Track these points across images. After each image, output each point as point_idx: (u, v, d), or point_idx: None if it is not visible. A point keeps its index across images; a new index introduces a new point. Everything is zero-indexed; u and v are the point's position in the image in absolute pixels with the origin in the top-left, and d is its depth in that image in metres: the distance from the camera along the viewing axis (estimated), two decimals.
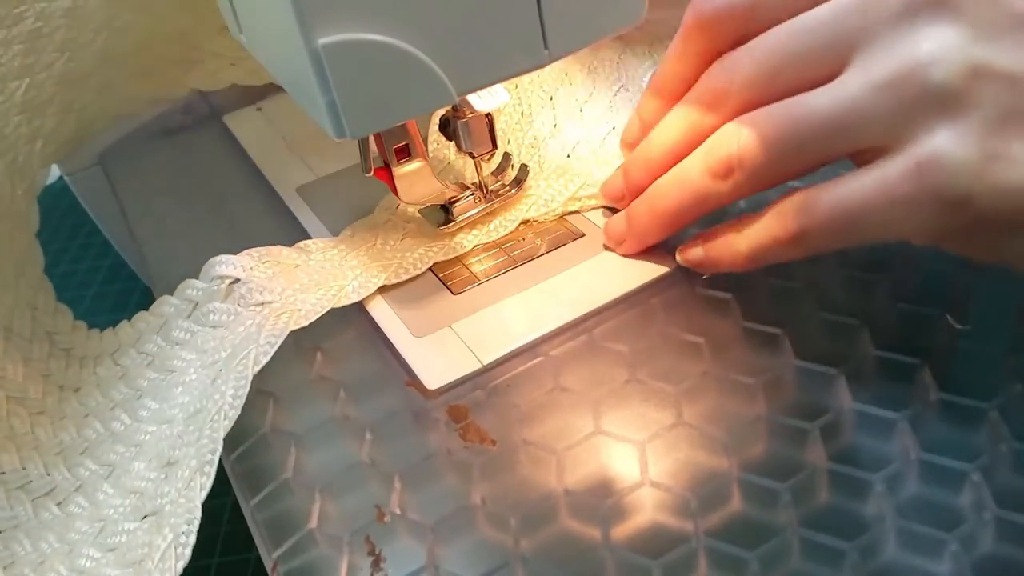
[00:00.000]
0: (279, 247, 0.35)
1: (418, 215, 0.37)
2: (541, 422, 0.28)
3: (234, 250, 0.34)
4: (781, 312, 0.30)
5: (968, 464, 0.24)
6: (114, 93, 0.44)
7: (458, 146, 0.35)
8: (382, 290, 0.34)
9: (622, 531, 0.25)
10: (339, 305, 0.32)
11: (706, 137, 0.29)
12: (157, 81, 0.46)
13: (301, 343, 0.32)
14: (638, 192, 0.33)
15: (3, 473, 0.33)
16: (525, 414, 0.28)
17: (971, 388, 0.26)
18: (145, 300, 0.59)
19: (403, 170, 0.34)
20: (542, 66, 0.29)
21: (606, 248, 0.34)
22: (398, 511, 0.26)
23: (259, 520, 0.27)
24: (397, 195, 0.34)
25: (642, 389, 0.28)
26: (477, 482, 0.26)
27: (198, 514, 0.26)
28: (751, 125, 0.27)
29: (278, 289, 0.32)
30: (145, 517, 0.28)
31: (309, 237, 0.37)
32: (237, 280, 0.33)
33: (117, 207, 0.45)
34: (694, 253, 0.31)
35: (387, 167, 0.34)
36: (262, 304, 0.32)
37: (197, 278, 0.33)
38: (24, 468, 0.33)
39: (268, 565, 0.26)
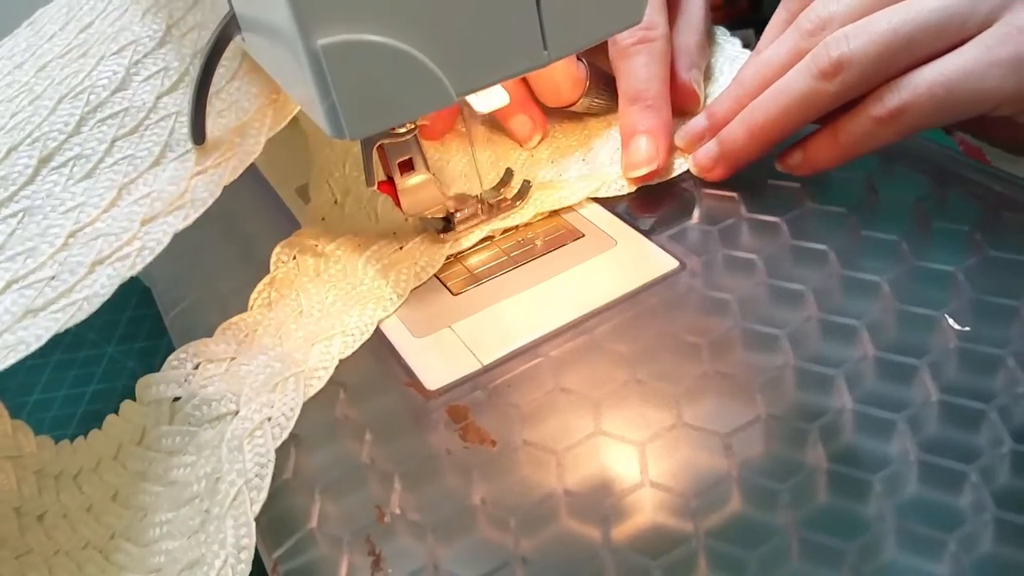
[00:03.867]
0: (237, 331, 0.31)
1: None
2: (541, 422, 0.28)
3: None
4: (781, 312, 0.30)
5: (968, 465, 0.24)
6: None
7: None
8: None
9: (622, 531, 0.25)
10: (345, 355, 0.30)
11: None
12: None
13: None
14: (725, 124, 0.34)
15: None
16: (525, 414, 0.28)
17: (971, 388, 0.26)
18: (145, 300, 0.59)
19: (407, 183, 0.34)
20: (542, 66, 0.29)
21: (697, 174, 0.36)
22: (398, 511, 0.26)
23: (259, 520, 0.27)
24: (401, 208, 0.34)
25: (642, 389, 0.28)
26: (477, 482, 0.26)
27: None
28: (860, 27, 0.30)
29: (245, 390, 0.28)
30: None
31: None
32: (178, 398, 0.29)
33: None
34: (794, 157, 0.33)
35: (391, 180, 0.34)
36: (220, 417, 0.28)
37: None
38: None
39: (268, 565, 0.26)
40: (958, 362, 0.27)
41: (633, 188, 0.37)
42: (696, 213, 0.35)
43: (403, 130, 0.33)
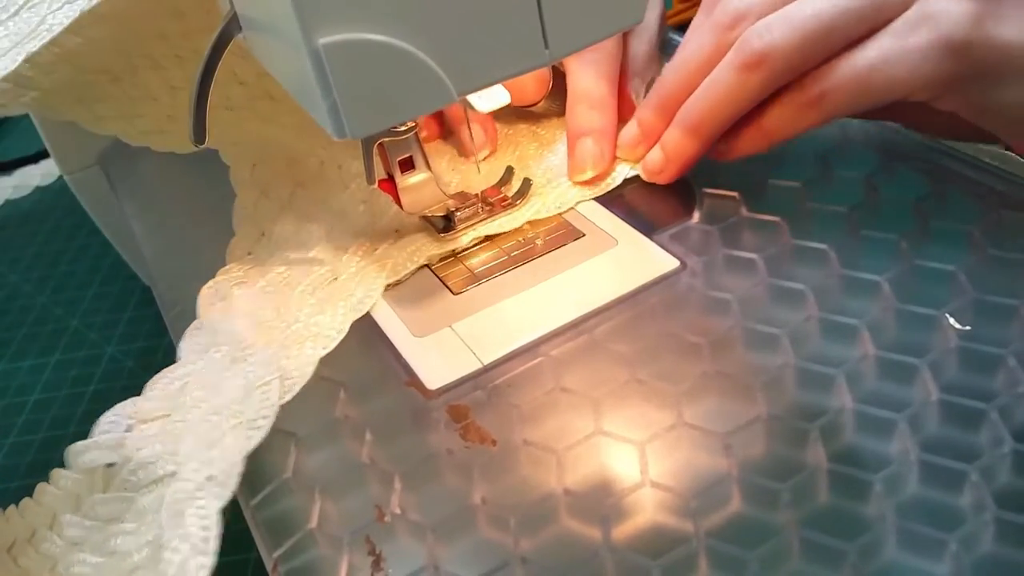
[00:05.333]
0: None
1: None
2: (541, 422, 0.28)
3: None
4: (781, 312, 0.30)
5: (968, 464, 0.24)
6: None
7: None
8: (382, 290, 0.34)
9: (622, 531, 0.25)
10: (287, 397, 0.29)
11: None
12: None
13: None
14: (658, 129, 0.35)
15: None
16: (525, 414, 0.28)
17: (971, 388, 0.26)
18: (145, 300, 0.59)
19: (407, 182, 0.34)
20: (542, 66, 0.29)
21: (645, 181, 0.36)
22: (398, 511, 0.26)
23: (259, 520, 0.27)
24: (401, 206, 0.34)
25: (642, 389, 0.28)
26: (477, 482, 0.26)
27: None
28: (779, 17, 0.30)
29: (183, 449, 0.26)
30: None
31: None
32: (112, 464, 0.27)
33: (117, 207, 0.45)
34: (718, 146, 0.34)
35: (391, 179, 0.34)
36: (159, 480, 0.26)
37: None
38: None
39: (268, 565, 0.26)
40: (959, 361, 0.27)
41: (630, 173, 0.37)
42: (696, 213, 0.35)
43: (403, 128, 0.33)
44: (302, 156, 0.41)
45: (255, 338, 0.31)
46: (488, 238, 0.36)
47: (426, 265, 0.35)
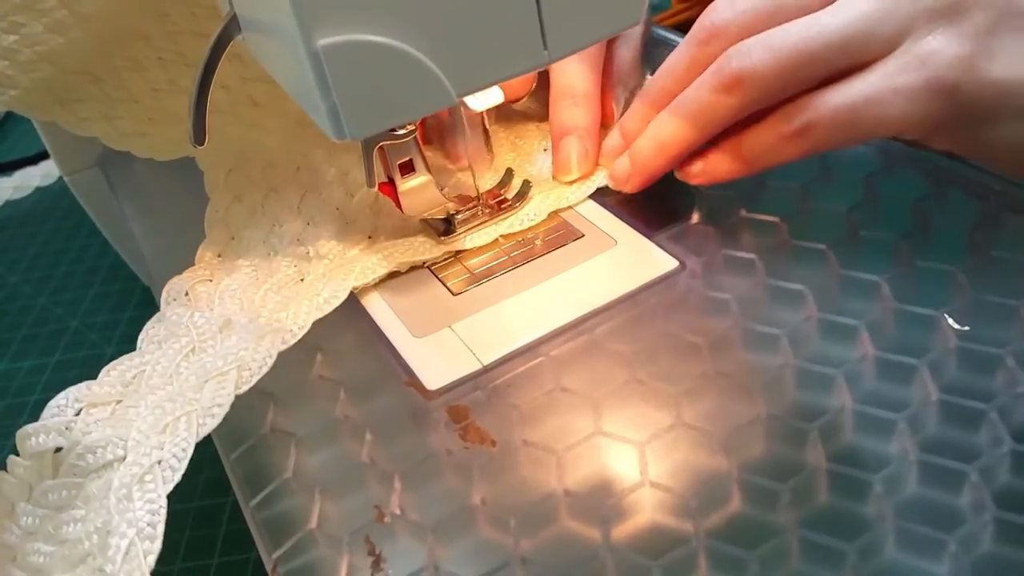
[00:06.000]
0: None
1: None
2: (541, 422, 0.28)
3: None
4: (781, 312, 0.30)
5: (968, 464, 0.24)
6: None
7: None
8: (382, 290, 0.34)
9: (622, 531, 0.25)
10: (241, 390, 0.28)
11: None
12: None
13: (301, 343, 0.32)
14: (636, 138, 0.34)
15: None
16: (525, 414, 0.28)
17: (971, 388, 0.26)
18: (145, 300, 0.59)
19: (407, 185, 0.34)
20: (542, 67, 0.29)
21: (612, 188, 0.35)
22: (398, 511, 0.26)
23: (259, 520, 0.27)
24: (401, 209, 0.34)
25: (642, 389, 0.28)
26: (477, 482, 0.26)
27: None
28: (761, 41, 0.29)
29: (133, 434, 0.25)
30: None
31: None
32: (60, 448, 0.26)
33: (117, 207, 0.45)
34: (694, 167, 0.33)
35: (391, 182, 0.34)
36: (107, 465, 0.25)
37: None
38: None
39: (268, 565, 0.26)
40: (958, 362, 0.27)
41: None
42: (696, 213, 0.35)
43: (403, 131, 0.33)
44: (280, 162, 0.40)
45: (215, 331, 0.31)
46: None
47: (426, 266, 0.35)
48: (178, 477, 0.25)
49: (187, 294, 0.34)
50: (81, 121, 0.39)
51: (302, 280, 0.34)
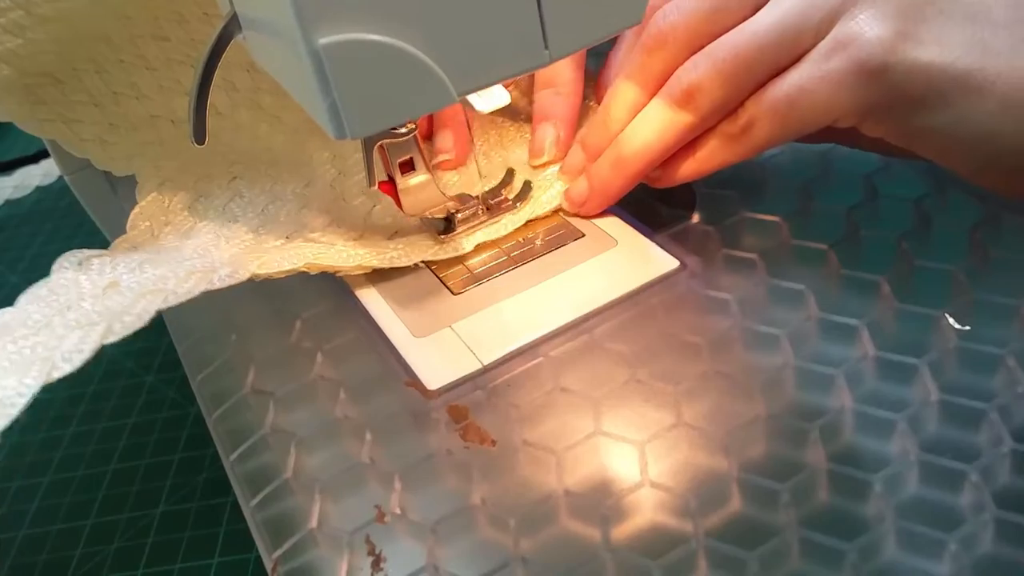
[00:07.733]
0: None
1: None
2: (541, 422, 0.28)
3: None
4: (781, 312, 0.30)
5: (968, 464, 0.24)
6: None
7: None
8: (382, 290, 0.34)
9: (622, 531, 0.25)
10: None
11: (657, 85, 0.32)
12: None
13: (301, 343, 0.32)
14: (597, 154, 0.35)
15: None
16: (525, 414, 0.28)
17: (971, 388, 0.26)
18: None
19: (407, 183, 0.34)
20: (542, 66, 0.29)
21: (566, 213, 0.36)
22: (398, 511, 0.26)
23: (259, 520, 0.27)
24: (401, 208, 0.34)
25: (642, 389, 0.28)
26: (477, 482, 0.26)
27: None
28: (705, 55, 0.30)
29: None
30: None
31: None
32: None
33: (117, 207, 0.45)
34: (652, 172, 0.34)
35: (391, 180, 0.34)
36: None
37: None
38: None
39: (268, 565, 0.26)
40: (958, 361, 0.27)
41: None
42: (696, 213, 0.35)
43: (403, 130, 0.33)
44: (217, 175, 0.40)
45: (98, 293, 0.30)
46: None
47: (427, 266, 0.35)
48: (15, 412, 0.25)
49: (80, 263, 0.33)
50: (41, 123, 0.39)
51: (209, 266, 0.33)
